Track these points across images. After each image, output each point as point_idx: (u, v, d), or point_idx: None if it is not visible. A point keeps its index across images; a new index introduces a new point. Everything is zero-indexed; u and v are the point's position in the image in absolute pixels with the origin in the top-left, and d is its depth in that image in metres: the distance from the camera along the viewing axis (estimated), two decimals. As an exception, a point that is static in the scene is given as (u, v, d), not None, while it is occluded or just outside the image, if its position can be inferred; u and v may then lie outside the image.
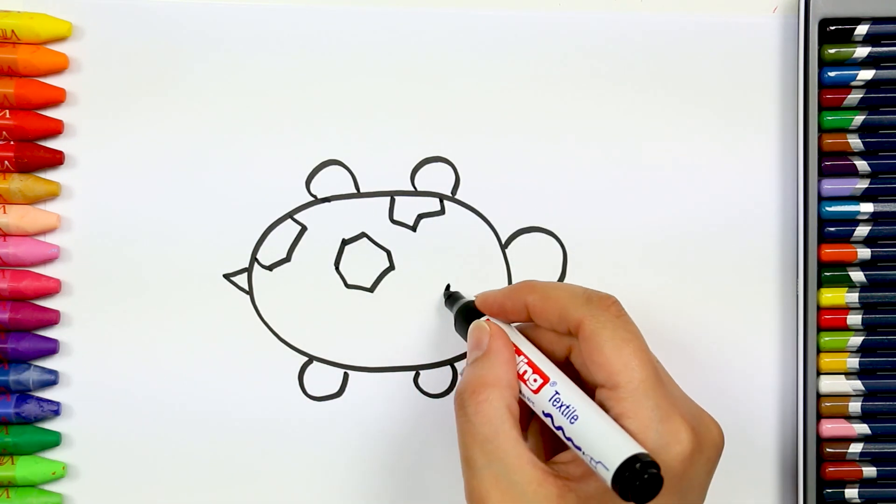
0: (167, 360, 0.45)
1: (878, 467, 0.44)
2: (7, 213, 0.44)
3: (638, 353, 0.35)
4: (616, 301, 0.37)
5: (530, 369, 0.37)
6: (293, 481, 0.45)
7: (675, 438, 0.34)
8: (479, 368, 0.37)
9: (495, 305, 0.40)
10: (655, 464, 0.32)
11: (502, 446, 0.35)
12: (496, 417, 0.36)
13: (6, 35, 0.43)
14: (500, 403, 0.36)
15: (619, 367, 0.35)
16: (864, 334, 0.45)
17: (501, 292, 0.40)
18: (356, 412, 0.45)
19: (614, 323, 0.36)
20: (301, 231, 0.45)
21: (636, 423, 0.34)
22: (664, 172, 0.45)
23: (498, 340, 0.38)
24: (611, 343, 0.35)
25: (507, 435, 0.35)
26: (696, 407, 0.37)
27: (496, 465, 0.35)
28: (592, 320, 0.36)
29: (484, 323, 0.39)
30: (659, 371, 0.36)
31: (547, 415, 0.36)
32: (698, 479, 0.36)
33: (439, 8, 0.45)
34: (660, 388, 0.35)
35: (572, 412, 0.35)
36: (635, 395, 0.34)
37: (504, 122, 0.45)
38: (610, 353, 0.35)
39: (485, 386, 0.36)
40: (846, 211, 0.44)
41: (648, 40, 0.45)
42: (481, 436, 0.35)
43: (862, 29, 0.44)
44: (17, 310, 0.44)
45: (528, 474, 0.34)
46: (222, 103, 0.45)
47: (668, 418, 0.34)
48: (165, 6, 0.45)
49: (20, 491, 0.44)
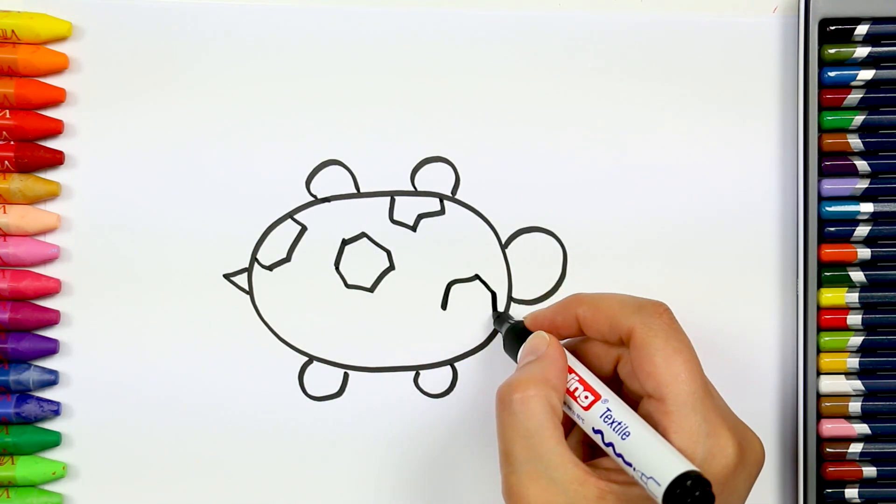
0: (167, 360, 0.45)
1: (878, 467, 0.44)
2: (7, 213, 0.44)
3: (687, 365, 0.35)
4: (668, 309, 0.37)
5: (581, 387, 0.37)
6: (293, 481, 0.45)
7: (722, 452, 0.35)
8: (530, 368, 0.37)
9: (546, 322, 0.40)
10: (707, 481, 0.32)
11: (545, 443, 0.35)
12: (541, 413, 0.35)
13: (6, 35, 0.44)
14: (545, 401, 0.36)
15: (669, 379, 0.35)
16: (864, 334, 0.45)
17: (551, 309, 0.40)
18: (356, 412, 0.45)
19: (666, 332, 0.36)
20: (301, 231, 0.45)
21: (683, 436, 0.34)
22: (664, 173, 0.45)
23: (554, 349, 0.38)
24: (662, 353, 0.35)
25: (550, 432, 0.35)
26: (739, 421, 0.37)
27: (537, 462, 0.35)
28: (644, 328, 0.36)
29: (544, 333, 0.39)
30: (707, 383, 0.36)
31: (597, 431, 0.36)
32: (739, 492, 0.36)
33: (439, 8, 0.45)
34: (708, 401, 0.35)
35: (624, 428, 0.35)
36: (683, 409, 0.35)
37: (504, 122, 0.45)
38: (660, 363, 0.35)
39: (533, 382, 0.36)
40: (846, 211, 0.44)
41: (649, 40, 0.45)
42: (524, 430, 0.35)
43: (862, 29, 0.44)
44: (17, 310, 0.44)
45: (569, 473, 0.34)
46: (222, 103, 0.45)
47: (714, 433, 0.35)
48: (165, 6, 0.45)
49: (20, 491, 0.44)
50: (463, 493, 0.45)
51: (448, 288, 0.45)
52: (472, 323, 0.45)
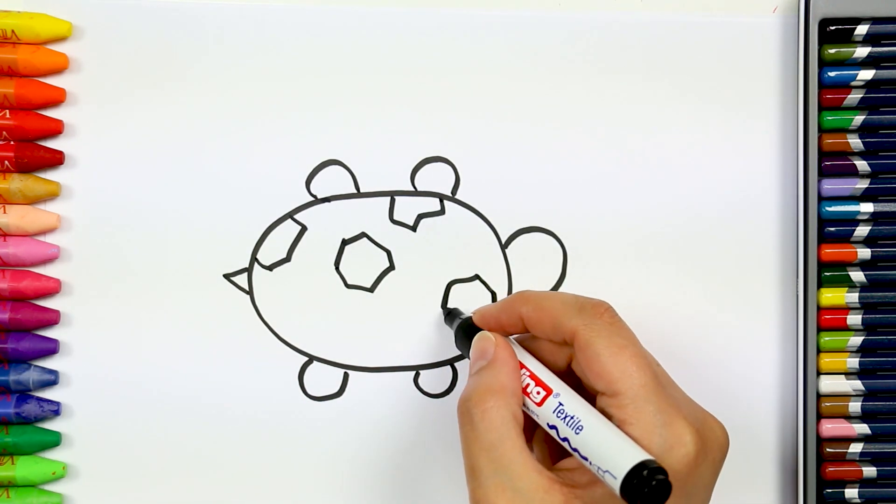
0: (167, 360, 0.45)
1: (878, 467, 0.44)
2: (7, 213, 0.44)
3: (635, 359, 0.35)
4: (609, 307, 0.37)
5: (533, 382, 0.37)
6: (293, 481, 0.45)
7: (679, 441, 0.34)
8: (485, 377, 0.37)
9: (492, 320, 0.40)
10: (663, 469, 0.32)
11: (507, 454, 0.35)
12: (502, 425, 0.35)
13: (6, 35, 0.44)
14: (506, 411, 0.36)
15: (618, 375, 0.35)
16: (864, 334, 0.45)
17: (497, 306, 0.40)
18: (356, 412, 0.45)
19: (608, 330, 0.36)
20: (301, 231, 0.45)
21: (639, 428, 0.34)
22: (664, 173, 0.45)
23: (503, 350, 0.38)
24: (607, 351, 0.35)
25: (512, 442, 0.35)
26: (699, 409, 0.37)
27: (501, 473, 0.35)
28: (586, 329, 0.36)
29: (489, 333, 0.39)
30: (658, 374, 0.36)
31: (552, 426, 0.36)
32: (703, 480, 0.36)
33: (439, 8, 0.45)
34: (660, 392, 0.35)
35: (577, 422, 0.35)
36: (636, 401, 0.34)
37: (504, 123, 0.45)
38: (606, 361, 0.35)
39: (490, 393, 0.36)
40: (846, 211, 0.44)
41: (648, 40, 0.45)
42: (487, 443, 0.35)
43: (862, 29, 0.44)
44: (17, 310, 0.44)
45: (534, 482, 0.34)
46: (222, 103, 0.45)
47: (670, 422, 0.34)
48: (165, 6, 0.45)
49: (20, 491, 0.44)
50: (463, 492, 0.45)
51: (448, 288, 0.45)
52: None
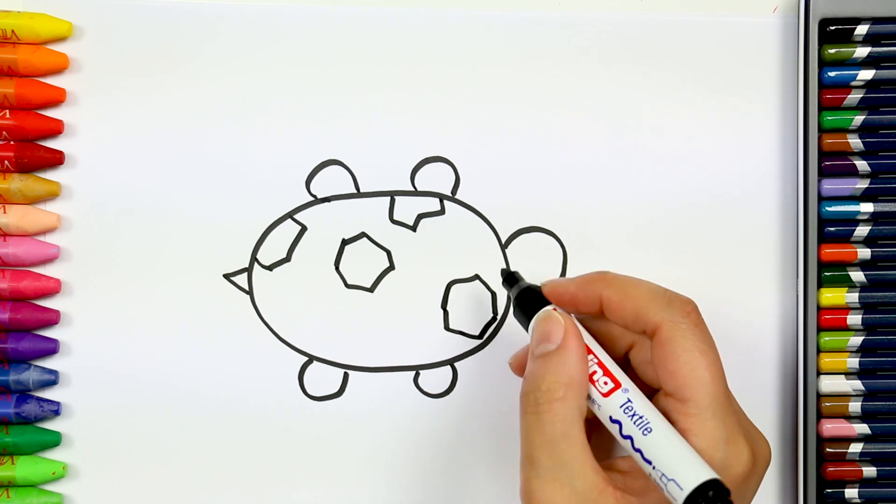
0: (167, 361, 0.45)
1: (878, 467, 0.44)
2: (7, 213, 0.44)
3: (711, 368, 0.35)
4: (695, 307, 0.36)
5: (601, 371, 0.36)
6: (293, 481, 0.45)
7: (738, 460, 0.34)
8: (554, 364, 0.36)
9: (566, 295, 0.38)
10: (727, 491, 0.32)
11: (570, 450, 0.34)
12: (567, 419, 0.35)
13: (6, 35, 0.44)
14: (574, 405, 0.35)
15: (692, 381, 0.34)
16: (864, 334, 0.45)
17: (574, 282, 0.38)
18: (356, 412, 0.45)
19: (693, 332, 0.35)
20: (301, 231, 0.45)
21: (703, 441, 0.34)
22: (665, 172, 0.45)
23: (573, 338, 0.36)
24: (688, 354, 0.35)
25: (575, 438, 0.35)
26: (751, 425, 0.37)
27: (560, 469, 0.34)
28: (672, 326, 0.35)
29: (557, 315, 0.37)
30: (727, 388, 0.36)
31: (615, 421, 0.35)
32: (750, 494, 0.36)
33: (439, 8, 0.45)
34: (728, 408, 0.35)
35: (646, 423, 0.34)
36: (704, 413, 0.34)
37: (504, 122, 0.45)
38: (685, 364, 0.35)
39: (559, 385, 0.35)
40: (846, 211, 0.44)
41: (648, 40, 0.45)
42: (550, 436, 0.35)
43: (862, 29, 0.44)
44: (17, 310, 0.44)
45: (590, 481, 0.34)
46: (222, 103, 0.45)
47: (733, 440, 0.34)
48: (165, 6, 0.45)
49: (20, 491, 0.44)
50: (463, 492, 0.45)
51: (448, 288, 0.45)
52: (472, 323, 0.45)
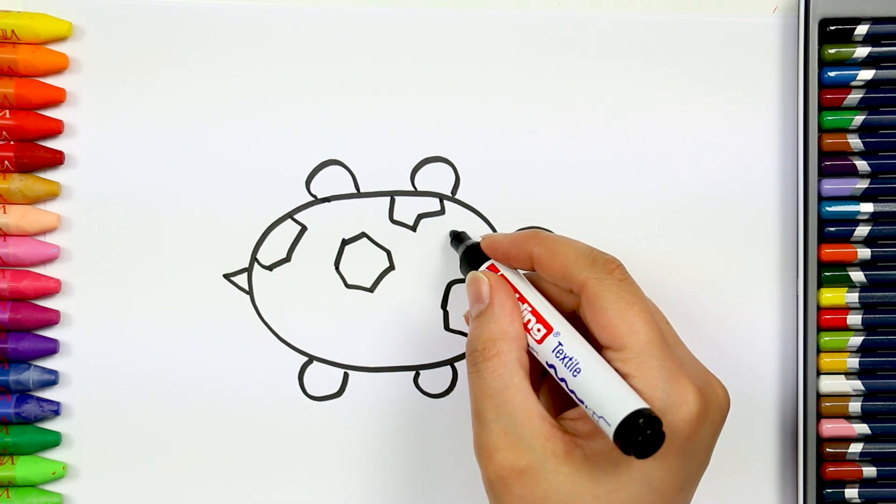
0: (167, 361, 0.45)
1: (878, 467, 0.44)
2: (7, 213, 0.44)
3: (642, 315, 0.35)
4: (620, 264, 0.37)
5: (534, 318, 0.37)
6: (293, 481, 0.45)
7: (682, 399, 0.34)
8: (485, 322, 0.37)
9: (500, 251, 0.39)
10: (658, 419, 0.32)
11: (511, 400, 0.35)
12: (505, 371, 0.36)
13: (6, 35, 0.44)
14: (510, 357, 0.36)
15: (624, 329, 0.35)
16: (864, 334, 0.45)
17: (508, 238, 0.39)
18: (356, 412, 0.45)
19: (618, 286, 0.36)
20: (301, 231, 0.45)
21: (642, 383, 0.34)
22: (664, 174, 0.45)
23: (499, 293, 0.38)
24: (615, 306, 0.35)
25: (516, 389, 0.35)
26: (703, 369, 0.37)
27: (505, 419, 0.35)
28: (596, 283, 0.36)
29: (480, 274, 0.39)
30: (665, 332, 0.36)
31: (550, 366, 0.36)
32: (704, 441, 0.36)
33: (439, 8, 0.45)
34: (666, 350, 0.35)
35: (575, 364, 0.35)
36: (641, 356, 0.34)
37: (504, 122, 0.45)
38: (613, 315, 0.35)
39: (493, 340, 0.36)
40: (846, 211, 0.44)
41: (648, 40, 0.45)
42: (491, 389, 0.36)
43: (862, 29, 0.44)
44: (17, 310, 0.44)
45: (535, 428, 0.35)
46: (222, 103, 0.45)
47: (674, 379, 0.34)
48: (165, 6, 0.45)
49: (20, 491, 0.44)
50: (463, 492, 0.45)
51: (448, 288, 0.45)
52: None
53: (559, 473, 0.34)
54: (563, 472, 0.34)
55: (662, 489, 0.34)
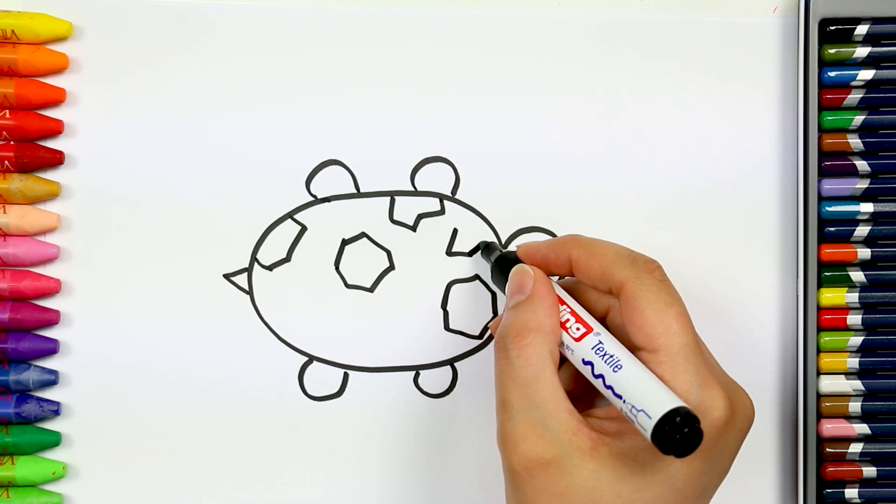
0: (167, 361, 0.45)
1: (878, 467, 0.44)
2: (7, 213, 0.44)
3: (679, 318, 0.35)
4: (659, 266, 0.37)
5: (573, 318, 0.37)
6: (293, 481, 0.45)
7: (713, 405, 0.34)
8: (524, 312, 0.37)
9: (538, 256, 0.39)
10: (696, 418, 0.32)
11: (541, 391, 0.35)
12: (538, 362, 0.35)
13: (6, 35, 0.44)
14: (543, 349, 0.36)
15: (661, 331, 0.35)
16: (864, 334, 0.45)
17: (546, 244, 0.40)
18: (356, 412, 0.45)
19: (657, 286, 0.36)
20: (301, 231, 0.45)
21: (676, 386, 0.34)
22: (664, 174, 0.45)
23: (543, 286, 0.38)
24: (653, 306, 0.35)
25: (547, 380, 0.35)
26: (730, 379, 0.37)
27: (533, 410, 0.35)
28: (636, 282, 0.36)
29: (528, 267, 0.39)
30: (698, 339, 0.36)
31: (587, 363, 0.36)
32: (729, 448, 0.36)
33: (439, 8, 0.45)
34: (700, 355, 0.35)
35: (616, 361, 0.35)
36: (676, 359, 0.34)
37: (504, 122, 0.45)
38: (651, 316, 0.35)
39: (528, 330, 0.36)
40: (846, 211, 0.44)
41: (648, 40, 0.45)
42: (521, 379, 0.35)
43: (862, 29, 0.44)
44: (17, 310, 0.44)
45: (564, 422, 0.35)
46: (222, 103, 0.45)
47: (707, 384, 0.34)
48: (165, 6, 0.45)
49: (20, 491, 0.44)
50: (463, 492, 0.45)
51: (448, 288, 0.45)
52: (472, 323, 0.45)
53: (584, 469, 0.34)
54: (588, 467, 0.34)
55: (685, 492, 0.34)
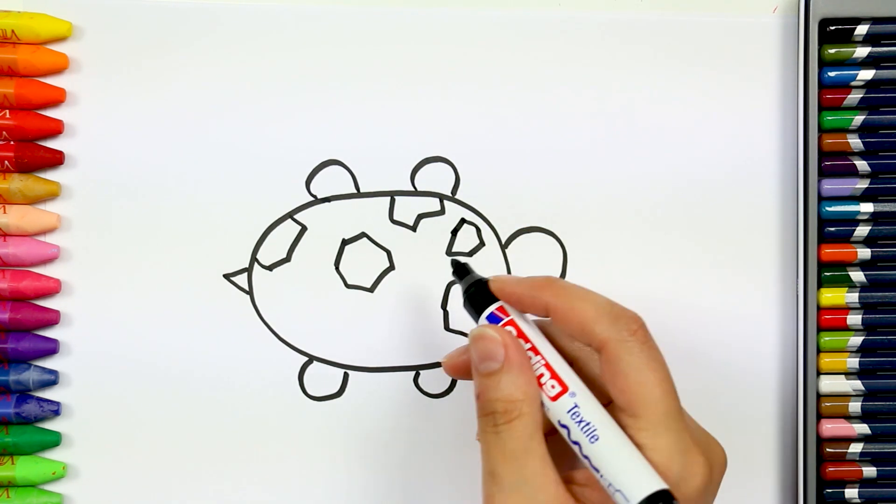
0: (167, 361, 0.45)
1: (878, 467, 0.44)
2: (7, 213, 0.44)
3: (662, 384, 0.34)
4: (643, 324, 0.36)
5: (548, 373, 0.35)
6: (293, 481, 0.45)
7: (695, 471, 0.34)
8: (504, 384, 0.35)
9: (512, 297, 0.37)
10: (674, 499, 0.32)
11: (531, 465, 0.34)
12: (527, 435, 0.35)
13: (6, 35, 0.44)
14: (530, 420, 0.35)
15: (643, 398, 0.34)
16: (864, 334, 0.45)
17: (522, 284, 0.37)
18: (356, 412, 0.45)
19: (640, 349, 0.35)
20: (301, 231, 0.45)
21: (659, 455, 0.34)
22: (664, 173, 0.45)
23: (515, 353, 0.36)
24: (636, 372, 0.34)
25: (535, 453, 0.34)
26: (703, 432, 0.37)
27: (523, 485, 0.34)
28: (618, 345, 0.35)
29: (490, 332, 0.36)
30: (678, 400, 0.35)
31: (563, 426, 0.35)
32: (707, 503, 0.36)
33: (439, 8, 0.45)
34: (681, 421, 0.35)
35: (592, 430, 0.34)
36: (658, 427, 0.34)
37: (504, 122, 0.45)
38: (634, 381, 0.34)
39: (514, 402, 0.35)
40: (846, 211, 0.44)
41: (648, 40, 0.45)
42: (510, 452, 0.35)
43: (862, 29, 0.44)
44: (17, 310, 0.44)
45: (552, 495, 0.34)
46: (222, 104, 0.45)
47: (687, 451, 0.34)
48: (165, 6, 0.45)
49: (20, 491, 0.44)
50: (463, 492, 0.45)
51: (448, 288, 0.45)
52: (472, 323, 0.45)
53: None
54: None
55: None
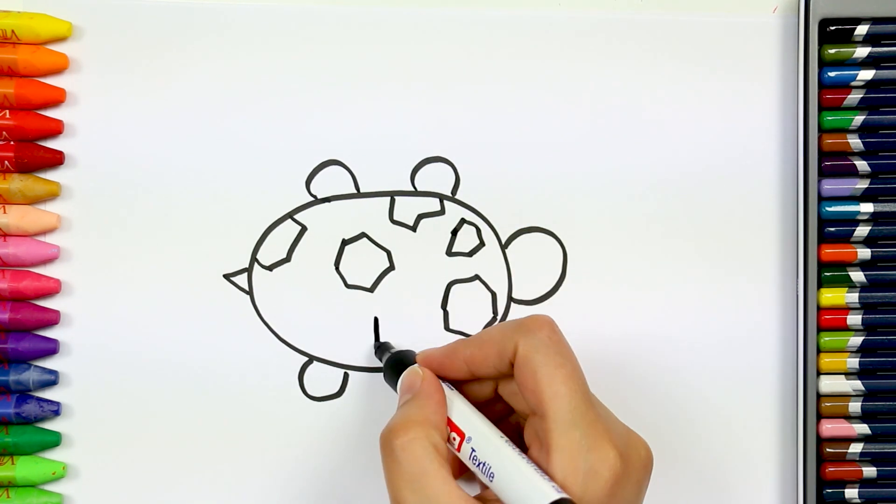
0: (167, 361, 0.45)
1: (878, 467, 0.44)
2: (7, 213, 0.44)
3: (568, 381, 0.35)
4: (550, 322, 0.37)
5: (449, 427, 0.37)
6: (293, 481, 0.45)
7: (604, 465, 0.34)
8: (408, 409, 0.37)
9: (435, 362, 0.40)
10: None
11: (431, 485, 0.35)
12: (423, 457, 0.35)
13: (6, 35, 0.44)
14: (427, 442, 0.35)
15: (549, 395, 0.35)
16: (864, 334, 0.45)
17: (441, 350, 0.40)
18: (356, 412, 0.45)
19: (547, 346, 0.36)
20: (301, 231, 0.45)
21: (565, 454, 0.34)
22: (664, 173, 0.45)
23: (429, 384, 0.38)
24: (544, 369, 0.35)
25: (435, 473, 0.35)
26: (623, 428, 0.37)
27: None
28: (527, 343, 0.36)
29: (417, 367, 0.39)
30: (588, 395, 0.36)
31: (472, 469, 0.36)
32: (627, 499, 0.36)
33: (439, 8, 0.45)
34: (589, 415, 0.35)
35: (489, 469, 0.35)
36: (564, 425, 0.35)
37: (504, 122, 0.45)
38: (542, 379, 0.35)
39: (412, 425, 0.36)
40: (846, 211, 0.44)
41: (648, 39, 0.45)
42: (409, 475, 0.35)
43: (862, 29, 0.44)
44: (17, 310, 0.44)
45: None
46: (222, 104, 0.45)
47: (596, 446, 0.35)
48: (165, 6, 0.45)
49: (20, 491, 0.44)
50: (463, 493, 0.45)
51: (448, 288, 0.45)
52: (472, 323, 0.45)
53: None
54: None
55: None
